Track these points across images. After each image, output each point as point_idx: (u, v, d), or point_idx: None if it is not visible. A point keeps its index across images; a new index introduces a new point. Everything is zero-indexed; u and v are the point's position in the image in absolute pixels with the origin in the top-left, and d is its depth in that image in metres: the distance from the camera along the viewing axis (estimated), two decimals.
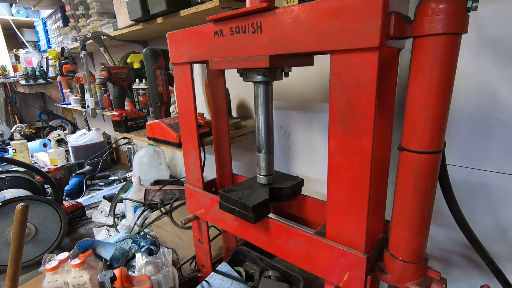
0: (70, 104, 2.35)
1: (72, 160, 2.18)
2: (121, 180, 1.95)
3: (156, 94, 1.19)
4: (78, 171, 1.54)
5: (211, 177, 0.91)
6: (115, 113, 1.30)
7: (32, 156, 2.33)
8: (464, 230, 0.54)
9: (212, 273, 0.85)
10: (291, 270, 0.82)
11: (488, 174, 0.69)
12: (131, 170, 1.90)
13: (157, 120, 1.05)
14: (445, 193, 0.51)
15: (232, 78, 0.96)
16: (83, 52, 1.58)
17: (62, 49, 2.01)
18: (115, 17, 1.40)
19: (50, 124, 3.02)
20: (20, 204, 0.65)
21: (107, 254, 0.93)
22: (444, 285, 0.52)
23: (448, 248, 0.79)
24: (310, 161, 1.06)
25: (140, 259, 0.91)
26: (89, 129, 2.36)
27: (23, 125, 3.09)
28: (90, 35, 1.50)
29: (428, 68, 0.42)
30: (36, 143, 2.54)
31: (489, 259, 0.54)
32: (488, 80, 0.65)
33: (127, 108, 1.41)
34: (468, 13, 0.40)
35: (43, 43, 2.87)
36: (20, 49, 3.49)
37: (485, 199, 0.70)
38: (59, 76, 2.48)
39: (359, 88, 0.44)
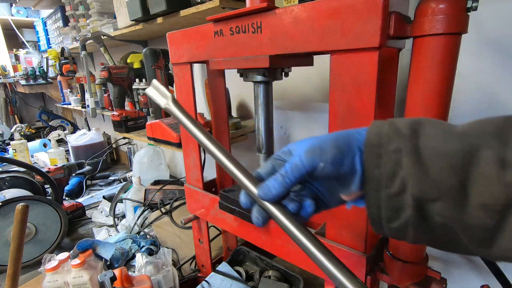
0: (70, 104, 2.35)
1: (72, 160, 2.18)
2: (121, 180, 1.95)
3: None
4: (78, 171, 1.54)
5: (211, 177, 0.91)
6: (115, 113, 1.30)
7: (32, 156, 2.33)
8: None
9: (212, 273, 0.85)
10: (291, 270, 0.82)
11: None
12: (131, 170, 1.90)
13: (157, 120, 1.05)
14: None
15: (232, 78, 0.96)
16: (83, 52, 1.58)
17: (62, 49, 2.00)
18: (115, 17, 1.40)
19: (50, 124, 3.02)
20: (20, 204, 0.65)
21: (107, 254, 0.93)
22: (444, 285, 0.52)
23: None
24: None
25: (140, 259, 0.91)
26: (89, 129, 2.36)
27: (23, 125, 3.09)
28: (90, 35, 1.50)
29: (428, 68, 0.42)
30: (36, 143, 2.54)
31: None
32: (488, 81, 0.65)
33: (127, 108, 1.41)
34: (468, 13, 0.40)
35: (43, 43, 2.87)
36: (20, 49, 3.49)
37: None
38: (59, 76, 2.47)
39: (359, 88, 0.44)
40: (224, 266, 0.87)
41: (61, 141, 2.52)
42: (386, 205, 0.30)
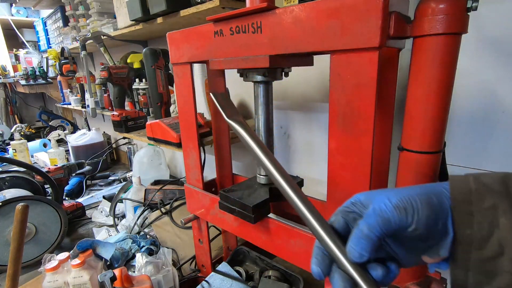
0: (70, 104, 2.35)
1: (72, 160, 2.18)
2: (121, 180, 1.95)
3: (156, 94, 1.19)
4: (78, 171, 1.54)
5: (211, 177, 0.91)
6: (115, 113, 1.30)
7: (32, 156, 2.33)
8: None
9: (212, 273, 0.85)
10: (291, 270, 0.82)
11: None
12: (131, 170, 1.90)
13: (157, 120, 1.05)
14: None
15: (232, 78, 0.96)
16: (83, 52, 1.58)
17: (62, 49, 2.01)
18: (115, 17, 1.40)
19: (50, 124, 3.02)
20: (20, 204, 0.65)
21: (107, 254, 0.93)
22: (444, 285, 0.52)
23: None
24: (310, 161, 1.06)
25: (140, 259, 0.91)
26: (89, 129, 2.36)
27: (23, 125, 3.09)
28: (90, 35, 1.50)
29: (428, 68, 0.42)
30: (36, 143, 2.54)
31: None
32: (488, 80, 0.65)
33: (127, 108, 1.41)
34: (468, 13, 0.40)
35: (43, 43, 2.87)
36: (20, 49, 3.49)
37: None
38: (59, 76, 2.48)
39: (359, 88, 0.44)
40: (224, 266, 0.87)
41: (61, 141, 2.52)
42: (476, 269, 0.27)
